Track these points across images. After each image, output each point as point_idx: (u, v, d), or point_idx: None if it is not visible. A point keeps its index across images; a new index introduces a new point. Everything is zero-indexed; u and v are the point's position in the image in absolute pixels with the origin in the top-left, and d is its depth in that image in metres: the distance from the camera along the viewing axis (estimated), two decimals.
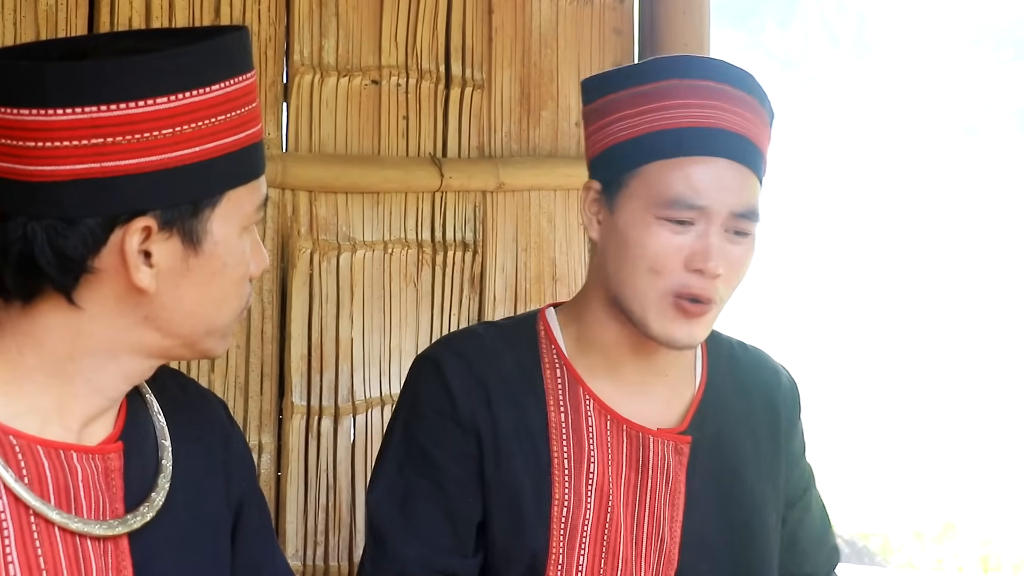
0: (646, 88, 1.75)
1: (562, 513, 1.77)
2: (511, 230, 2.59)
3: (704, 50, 2.74)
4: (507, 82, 2.60)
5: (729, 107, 1.74)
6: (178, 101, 1.29)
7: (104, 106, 1.27)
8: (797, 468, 1.95)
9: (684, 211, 1.71)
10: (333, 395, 2.38)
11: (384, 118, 2.46)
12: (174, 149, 1.29)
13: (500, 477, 1.78)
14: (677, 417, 1.85)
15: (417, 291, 2.48)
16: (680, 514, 1.81)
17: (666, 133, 1.73)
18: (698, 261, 1.70)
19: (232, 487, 1.50)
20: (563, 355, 1.83)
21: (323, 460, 2.37)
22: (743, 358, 1.93)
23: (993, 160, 15.21)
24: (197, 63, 1.31)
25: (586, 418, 1.80)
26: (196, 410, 1.51)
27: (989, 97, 15.78)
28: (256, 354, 2.31)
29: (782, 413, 1.93)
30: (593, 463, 1.78)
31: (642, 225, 1.72)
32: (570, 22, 2.68)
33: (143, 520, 1.36)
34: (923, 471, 8.73)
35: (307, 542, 2.36)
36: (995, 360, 11.80)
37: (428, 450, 1.79)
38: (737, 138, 1.74)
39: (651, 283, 1.72)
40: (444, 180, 2.48)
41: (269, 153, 2.30)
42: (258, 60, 2.31)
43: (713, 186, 1.71)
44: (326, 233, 2.38)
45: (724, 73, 1.77)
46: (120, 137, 1.27)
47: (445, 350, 1.84)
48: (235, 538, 1.50)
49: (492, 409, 1.78)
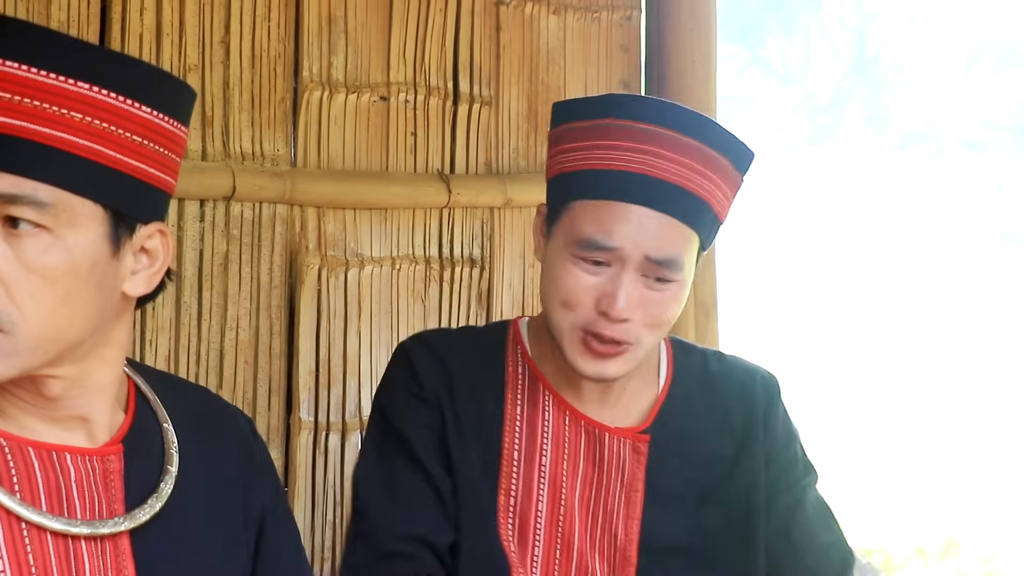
0: (592, 124, 1.75)
1: (509, 502, 1.79)
2: (518, 246, 2.60)
3: (710, 66, 2.75)
4: (515, 99, 2.61)
5: (667, 154, 1.71)
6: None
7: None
8: (782, 455, 1.92)
9: (595, 252, 1.71)
10: (341, 411, 2.38)
11: (392, 134, 2.46)
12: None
13: (457, 456, 1.81)
14: (639, 417, 1.87)
15: (425, 307, 2.48)
16: (638, 511, 1.83)
17: (594, 173, 1.73)
18: (604, 304, 1.71)
19: (252, 499, 1.51)
20: (527, 356, 1.87)
21: (330, 476, 2.37)
22: (715, 366, 1.94)
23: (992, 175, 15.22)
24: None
25: (543, 411, 1.83)
26: (218, 424, 1.52)
27: (989, 112, 15.80)
28: (264, 370, 2.31)
29: (759, 404, 1.92)
30: (546, 455, 1.81)
31: (560, 261, 1.75)
32: (577, 39, 2.69)
33: (134, 523, 1.36)
34: (926, 487, 8.72)
35: (314, 558, 2.35)
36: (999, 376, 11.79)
37: (399, 428, 1.82)
38: (665, 186, 1.71)
39: (564, 316, 1.75)
40: (452, 196, 2.49)
41: (277, 169, 2.31)
42: (267, 77, 2.32)
43: (628, 232, 1.70)
44: (334, 249, 2.38)
45: (672, 119, 1.73)
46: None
47: (414, 340, 1.91)
48: (259, 555, 1.51)
49: (453, 394, 1.83)
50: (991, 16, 16.06)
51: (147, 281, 1.36)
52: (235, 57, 2.28)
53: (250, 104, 2.30)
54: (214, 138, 2.26)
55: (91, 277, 1.30)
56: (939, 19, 16.31)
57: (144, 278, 1.36)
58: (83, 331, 1.31)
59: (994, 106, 15.76)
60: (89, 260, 1.29)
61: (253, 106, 2.30)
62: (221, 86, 2.27)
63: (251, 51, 2.30)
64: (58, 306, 1.28)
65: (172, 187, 1.38)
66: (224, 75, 2.27)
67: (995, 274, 14.11)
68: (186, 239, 2.23)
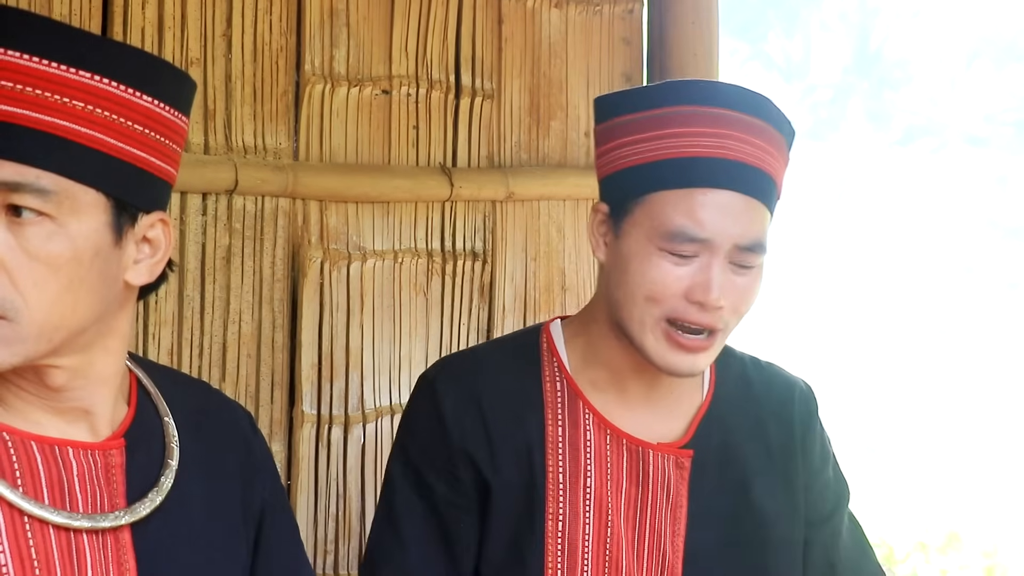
0: (656, 113, 1.72)
1: (557, 528, 1.76)
2: (520, 240, 2.60)
3: (712, 60, 2.75)
4: (517, 92, 2.61)
5: (740, 136, 1.70)
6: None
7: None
8: (819, 480, 1.91)
9: (686, 244, 1.68)
10: (343, 404, 2.39)
11: (394, 128, 2.46)
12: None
13: (497, 489, 1.77)
14: (680, 431, 1.83)
15: (427, 300, 2.49)
16: (683, 528, 1.79)
17: (672, 162, 1.69)
18: (699, 294, 1.68)
19: (252, 496, 1.51)
20: (564, 369, 1.82)
21: (333, 469, 2.37)
22: (755, 373, 1.91)
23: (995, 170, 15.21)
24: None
25: (584, 432, 1.78)
26: (217, 418, 1.52)
27: (991, 107, 15.79)
28: (266, 363, 2.31)
29: (796, 423, 1.90)
30: (590, 477, 1.77)
31: (644, 255, 1.70)
32: (579, 32, 2.69)
33: (135, 516, 1.36)
34: (927, 481, 8.72)
35: (317, 551, 2.36)
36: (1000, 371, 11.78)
37: (421, 471, 1.79)
38: (746, 168, 1.70)
39: (648, 311, 1.70)
40: (454, 190, 2.49)
41: (279, 163, 2.31)
42: (269, 70, 2.32)
43: (717, 219, 1.68)
44: (336, 242, 2.38)
45: (737, 100, 1.72)
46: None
47: (440, 370, 1.85)
48: (259, 549, 1.51)
49: (486, 424, 1.78)
50: (993, 11, 16.04)
51: (149, 270, 1.36)
52: (237, 50, 2.29)
53: (252, 97, 2.30)
54: (216, 131, 2.26)
55: (94, 265, 1.30)
56: (941, 14, 16.30)
57: (146, 267, 1.36)
58: (86, 319, 1.31)
59: (996, 101, 15.74)
60: (92, 248, 1.30)
61: (255, 99, 2.30)
62: (223, 79, 2.27)
63: (253, 44, 2.30)
64: (61, 294, 1.28)
65: (173, 177, 1.38)
66: (226, 68, 2.27)
67: (997, 269, 14.10)
68: (188, 232, 2.23)
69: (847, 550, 1.93)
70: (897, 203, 14.92)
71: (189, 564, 1.41)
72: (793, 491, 1.87)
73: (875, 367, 11.77)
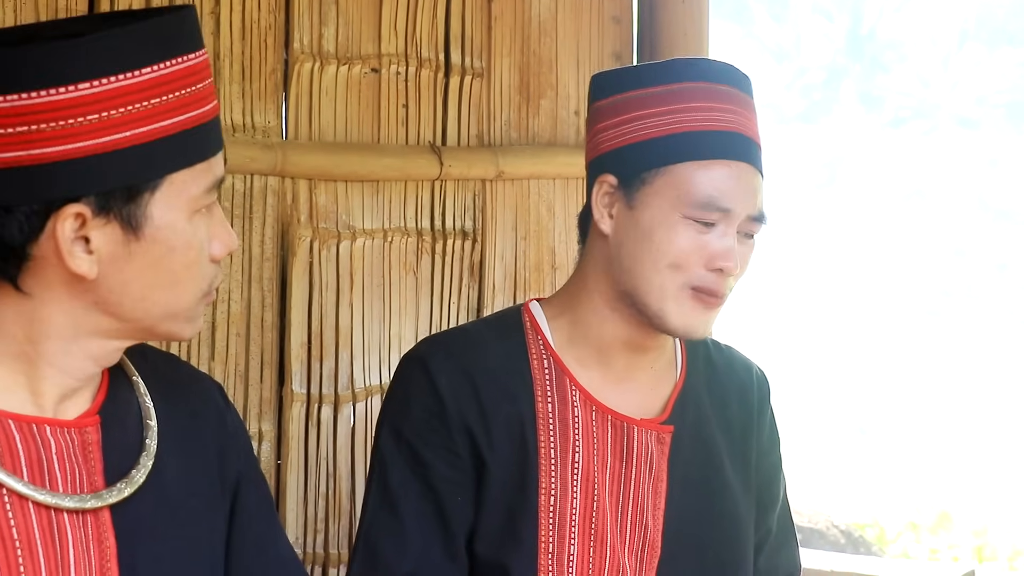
0: (672, 88, 1.78)
1: (549, 502, 1.78)
2: (510, 219, 2.59)
3: (702, 39, 2.74)
4: (506, 70, 2.60)
5: (741, 111, 1.79)
6: (104, 86, 1.28)
7: (26, 94, 1.26)
8: (766, 461, 1.96)
9: (711, 213, 1.74)
10: (333, 383, 2.38)
11: (384, 106, 2.46)
12: (102, 135, 1.28)
13: (492, 465, 1.79)
14: (659, 408, 1.86)
15: (417, 279, 2.48)
16: (663, 502, 1.83)
17: (696, 135, 1.76)
18: (719, 260, 1.74)
19: (227, 467, 1.50)
20: (549, 346, 1.84)
21: (323, 448, 2.37)
22: (716, 355, 1.96)
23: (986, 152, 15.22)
24: (124, 46, 1.29)
25: (572, 408, 1.81)
26: (189, 391, 1.51)
27: (982, 89, 15.79)
28: (256, 342, 2.31)
29: (754, 405, 1.95)
30: (578, 452, 1.80)
31: (668, 223, 1.75)
32: (569, 10, 2.68)
33: (119, 496, 1.36)
34: (919, 461, 8.75)
35: (307, 530, 2.36)
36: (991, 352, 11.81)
37: (417, 449, 1.79)
38: (750, 142, 1.79)
39: (671, 278, 1.75)
40: (444, 168, 2.48)
41: (268, 141, 2.30)
42: (258, 48, 2.31)
43: (736, 189, 1.76)
44: (326, 221, 2.38)
45: (732, 76, 1.81)
46: (44, 124, 1.26)
47: (431, 347, 1.86)
48: (234, 518, 1.50)
49: (480, 400, 1.79)
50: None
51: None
52: (225, 28, 2.27)
53: (241, 76, 2.29)
54: None
55: None
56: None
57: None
58: None
59: (988, 83, 15.74)
60: None
61: (244, 78, 2.29)
62: (212, 57, 2.26)
63: (241, 22, 2.29)
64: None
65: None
66: (215, 46, 2.26)
67: (988, 250, 14.11)
68: None
69: (774, 543, 1.98)
70: (889, 185, 14.93)
71: (168, 541, 1.41)
72: (748, 472, 1.92)
73: (867, 348, 11.79)
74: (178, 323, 1.38)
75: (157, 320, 1.37)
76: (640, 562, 1.81)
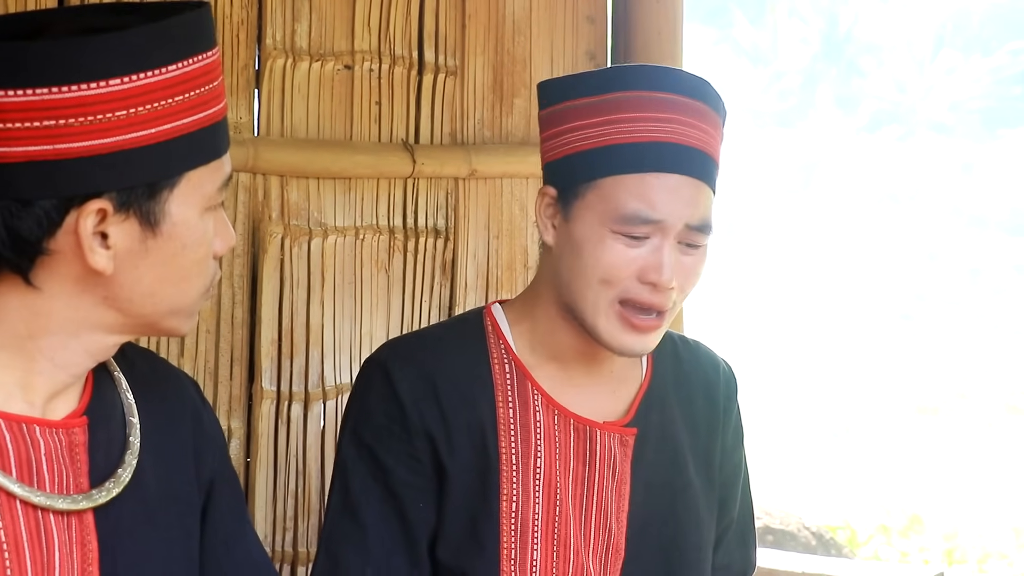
0: (606, 98, 1.75)
1: (511, 508, 1.77)
2: (483, 217, 2.59)
3: (677, 39, 2.74)
4: (480, 69, 2.60)
5: (687, 120, 1.74)
6: (131, 83, 1.28)
7: (55, 88, 1.26)
8: (730, 457, 1.96)
9: (639, 226, 1.71)
10: (303, 381, 2.37)
11: (356, 103, 2.45)
12: (128, 131, 1.29)
13: (453, 471, 1.78)
14: (623, 409, 1.86)
15: (388, 277, 2.47)
16: (627, 504, 1.82)
17: (624, 147, 1.73)
18: (651, 274, 1.71)
19: (203, 465, 1.50)
20: (511, 351, 1.83)
21: (293, 446, 2.36)
22: (683, 351, 1.95)
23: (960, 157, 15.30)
24: (151, 43, 1.30)
25: (534, 413, 1.80)
26: (166, 388, 1.50)
27: (957, 95, 15.88)
28: (226, 339, 2.30)
29: (720, 401, 1.94)
30: (540, 458, 1.79)
31: (597, 238, 1.73)
32: (543, 10, 2.68)
33: (108, 496, 1.36)
34: (890, 464, 8.78)
35: (276, 528, 2.35)
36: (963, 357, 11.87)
37: (378, 455, 1.79)
38: (694, 152, 1.74)
39: (603, 293, 1.73)
40: (416, 166, 2.47)
41: (240, 137, 2.29)
42: (230, 44, 2.30)
43: (669, 201, 1.72)
44: (297, 218, 2.37)
45: (681, 84, 1.76)
46: (72, 119, 1.26)
47: (392, 351, 1.85)
48: (206, 517, 1.50)
49: (441, 405, 1.79)
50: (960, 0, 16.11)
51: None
52: None
53: None
54: None
55: None
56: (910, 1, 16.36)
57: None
58: None
59: (962, 89, 15.83)
60: None
61: None
62: None
63: (214, 17, 2.27)
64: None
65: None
66: None
67: (960, 256, 14.19)
68: None
69: (732, 532, 1.98)
70: (864, 190, 14.99)
71: (148, 542, 1.41)
72: (711, 470, 1.92)
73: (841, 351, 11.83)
74: (180, 318, 1.39)
75: (162, 315, 1.37)
76: (604, 565, 1.81)
